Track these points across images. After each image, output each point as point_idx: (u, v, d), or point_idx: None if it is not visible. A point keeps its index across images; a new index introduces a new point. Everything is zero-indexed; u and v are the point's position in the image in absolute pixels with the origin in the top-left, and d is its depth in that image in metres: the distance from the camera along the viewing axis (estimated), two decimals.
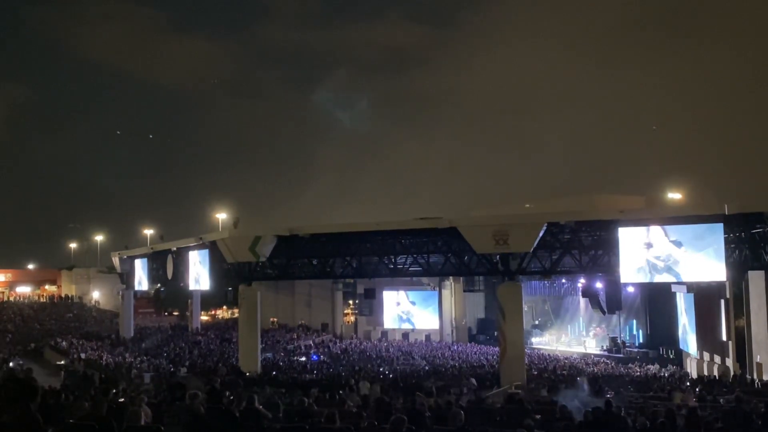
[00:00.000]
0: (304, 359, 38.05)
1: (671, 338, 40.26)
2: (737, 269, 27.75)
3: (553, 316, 51.10)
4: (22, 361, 33.02)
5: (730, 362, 31.14)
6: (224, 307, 64.70)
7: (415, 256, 33.68)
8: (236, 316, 42.68)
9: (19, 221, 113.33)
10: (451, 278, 50.55)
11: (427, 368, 33.91)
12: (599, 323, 46.81)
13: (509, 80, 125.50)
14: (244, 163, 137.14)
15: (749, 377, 27.77)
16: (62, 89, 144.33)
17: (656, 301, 42.61)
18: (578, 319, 48.78)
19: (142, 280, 45.57)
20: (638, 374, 32.12)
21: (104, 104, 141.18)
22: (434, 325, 52.80)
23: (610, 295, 29.13)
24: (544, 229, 27.41)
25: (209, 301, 59.85)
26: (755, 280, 28.78)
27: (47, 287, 66.87)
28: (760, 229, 25.53)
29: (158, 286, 46.93)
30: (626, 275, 27.08)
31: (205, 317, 62.03)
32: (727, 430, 11.78)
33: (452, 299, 53.81)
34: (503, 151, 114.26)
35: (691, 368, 35.80)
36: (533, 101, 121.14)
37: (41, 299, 62.61)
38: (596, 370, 34.04)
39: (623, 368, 35.90)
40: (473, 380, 25.11)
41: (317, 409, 12.27)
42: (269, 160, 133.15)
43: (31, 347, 42.66)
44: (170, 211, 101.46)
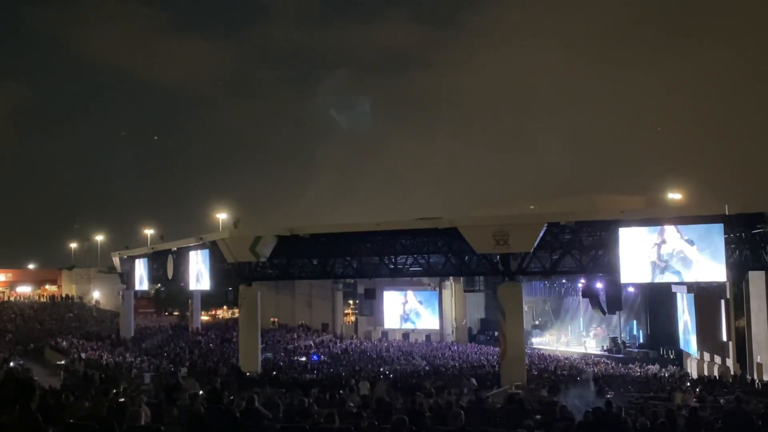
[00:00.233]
0: (304, 359, 38.00)
1: (671, 338, 40.21)
2: (738, 269, 27.79)
3: (553, 316, 51.05)
4: (22, 360, 33.00)
5: (730, 362, 31.12)
6: (224, 307, 64.62)
7: (415, 256, 33.72)
8: (236, 316, 42.63)
9: (19, 221, 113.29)
10: (451, 278, 50.46)
11: (427, 368, 33.90)
12: (599, 323, 46.76)
13: (509, 80, 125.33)
14: (244, 163, 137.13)
15: (749, 377, 27.76)
16: (62, 89, 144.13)
17: (656, 301, 42.55)
18: (578, 319, 48.73)
19: (142, 280, 45.54)
20: (638, 374, 32.09)
21: (104, 104, 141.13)
22: (434, 325, 52.84)
23: (610, 295, 29.15)
24: (544, 229, 27.43)
25: (209, 301, 59.86)
26: (755, 280, 28.76)
27: (47, 287, 66.78)
28: (760, 229, 25.54)
29: (158, 286, 46.99)
30: (627, 275, 27.09)
31: (205, 317, 62.01)
32: (727, 430, 11.77)
33: (452, 299, 53.82)
34: (503, 151, 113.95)
35: (691, 368, 35.78)
36: (533, 101, 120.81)
37: (41, 299, 62.57)
38: (596, 370, 34.02)
39: (623, 368, 35.88)
40: (473, 380, 25.06)
41: (317, 409, 12.26)
42: (269, 160, 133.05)
43: (31, 347, 42.66)
44: (170, 211, 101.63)
